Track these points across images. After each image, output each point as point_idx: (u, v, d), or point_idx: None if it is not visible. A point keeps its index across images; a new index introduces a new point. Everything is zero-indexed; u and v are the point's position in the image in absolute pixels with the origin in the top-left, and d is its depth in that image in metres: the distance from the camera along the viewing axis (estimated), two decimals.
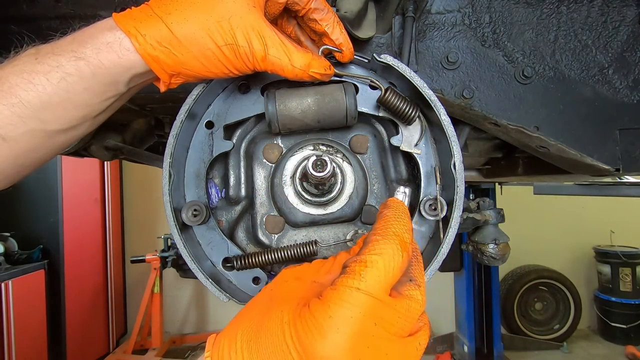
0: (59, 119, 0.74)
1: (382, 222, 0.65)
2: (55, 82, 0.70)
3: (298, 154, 0.96)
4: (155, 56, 0.72)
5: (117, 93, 0.77)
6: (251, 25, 0.73)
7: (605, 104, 1.08)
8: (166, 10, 0.72)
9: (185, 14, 0.72)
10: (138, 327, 5.35)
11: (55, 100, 0.71)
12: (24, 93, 0.69)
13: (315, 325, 0.53)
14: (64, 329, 4.94)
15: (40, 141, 0.75)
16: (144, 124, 1.74)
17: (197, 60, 0.74)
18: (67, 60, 0.71)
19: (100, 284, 5.77)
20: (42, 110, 0.71)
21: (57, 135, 0.76)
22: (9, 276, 4.16)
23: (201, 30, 0.71)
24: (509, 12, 1.10)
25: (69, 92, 0.72)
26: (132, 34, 0.71)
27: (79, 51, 0.71)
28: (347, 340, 0.52)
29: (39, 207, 4.92)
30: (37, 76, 0.70)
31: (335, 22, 0.84)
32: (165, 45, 0.72)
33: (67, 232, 5.04)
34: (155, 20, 0.72)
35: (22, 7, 1.11)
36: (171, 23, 0.71)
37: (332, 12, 0.84)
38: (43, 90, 0.70)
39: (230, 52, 0.73)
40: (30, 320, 4.38)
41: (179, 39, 0.71)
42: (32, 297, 4.46)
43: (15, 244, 4.66)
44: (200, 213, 0.87)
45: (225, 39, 0.72)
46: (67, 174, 5.06)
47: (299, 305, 0.57)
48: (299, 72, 0.77)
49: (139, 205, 6.47)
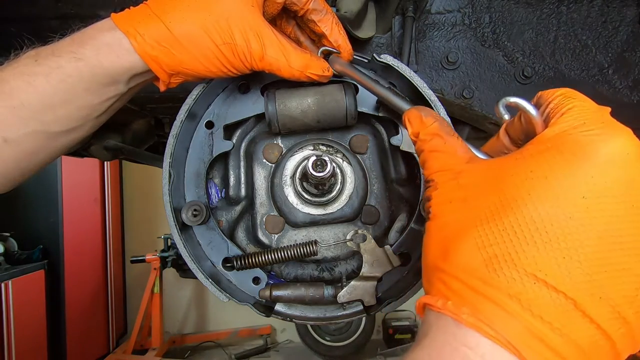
0: (60, 120, 0.74)
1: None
2: (55, 84, 0.70)
3: (298, 154, 0.96)
4: (154, 56, 0.72)
5: (118, 93, 0.77)
6: (249, 25, 0.73)
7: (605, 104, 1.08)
8: (164, 9, 0.72)
9: (183, 14, 0.72)
10: (138, 327, 5.34)
11: (56, 102, 0.71)
12: (24, 95, 0.69)
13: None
14: (64, 329, 4.93)
15: (42, 143, 0.75)
16: (144, 124, 1.73)
17: (195, 60, 0.74)
18: (67, 61, 0.71)
19: (100, 284, 5.77)
20: (43, 111, 0.71)
21: (58, 137, 0.76)
22: (9, 276, 4.15)
23: (199, 29, 0.71)
24: (508, 12, 1.10)
25: (69, 93, 0.72)
26: (131, 34, 0.71)
27: (78, 52, 0.71)
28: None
29: (39, 207, 4.92)
30: (37, 78, 0.70)
31: (334, 24, 0.84)
32: (164, 44, 0.72)
33: (67, 232, 5.03)
34: (154, 19, 0.72)
35: (22, 7, 1.11)
36: (170, 22, 0.71)
37: (331, 13, 0.84)
38: (43, 92, 0.70)
39: (229, 51, 0.73)
40: (30, 320, 4.37)
41: (178, 38, 0.71)
42: (32, 297, 4.46)
43: (15, 244, 4.65)
44: (200, 213, 0.87)
45: (224, 38, 0.72)
46: (67, 174, 5.06)
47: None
48: (297, 72, 0.77)
49: (139, 205, 6.47)
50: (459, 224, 0.46)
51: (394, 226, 0.94)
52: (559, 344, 0.37)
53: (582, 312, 0.37)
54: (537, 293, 0.38)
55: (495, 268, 0.40)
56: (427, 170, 0.56)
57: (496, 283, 0.40)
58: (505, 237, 0.41)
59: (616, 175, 0.40)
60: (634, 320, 0.38)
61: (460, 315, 0.40)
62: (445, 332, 0.41)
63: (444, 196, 0.51)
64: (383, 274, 0.88)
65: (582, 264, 0.38)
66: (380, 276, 0.88)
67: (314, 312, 0.91)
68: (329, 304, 0.90)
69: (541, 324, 0.37)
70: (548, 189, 0.41)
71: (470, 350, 0.39)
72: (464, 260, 0.43)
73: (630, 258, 0.39)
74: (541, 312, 0.38)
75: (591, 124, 0.43)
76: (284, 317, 0.90)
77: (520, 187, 0.42)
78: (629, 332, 0.39)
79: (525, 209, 0.41)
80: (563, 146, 0.43)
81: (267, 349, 6.08)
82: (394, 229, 0.94)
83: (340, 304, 0.87)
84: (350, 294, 0.86)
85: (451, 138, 0.56)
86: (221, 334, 6.25)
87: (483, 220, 0.43)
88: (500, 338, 0.38)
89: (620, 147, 0.41)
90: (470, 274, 0.42)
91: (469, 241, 0.43)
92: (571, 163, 0.41)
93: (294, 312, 0.90)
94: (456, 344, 0.40)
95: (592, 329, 0.38)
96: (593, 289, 0.38)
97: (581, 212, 0.39)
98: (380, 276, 0.88)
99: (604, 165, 0.40)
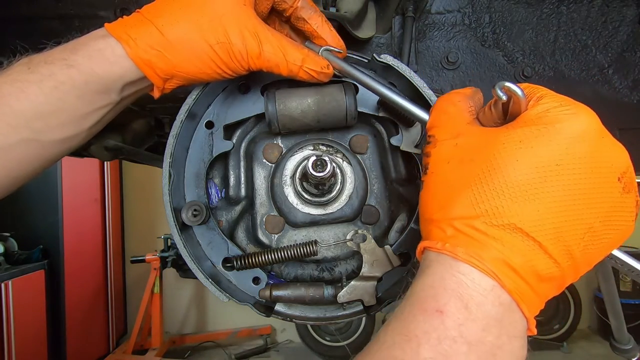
0: (52, 128, 0.73)
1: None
2: (47, 91, 0.70)
3: (298, 154, 0.96)
4: (147, 60, 0.72)
5: (110, 102, 0.77)
6: (244, 24, 0.73)
7: (605, 104, 1.08)
8: (157, 14, 0.72)
9: (176, 16, 0.71)
10: (138, 327, 5.34)
11: (48, 109, 0.71)
12: (15, 102, 0.69)
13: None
14: (64, 329, 4.93)
15: (33, 152, 0.74)
16: (144, 124, 1.74)
17: (189, 62, 0.73)
18: (60, 68, 0.70)
19: (100, 284, 5.77)
20: (34, 119, 0.71)
21: (50, 146, 0.75)
22: (9, 276, 4.15)
23: (192, 30, 0.71)
24: (509, 12, 1.10)
25: (61, 101, 0.71)
26: (124, 39, 0.71)
27: (70, 59, 0.71)
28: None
29: (39, 207, 4.92)
30: (29, 85, 0.69)
31: (323, 21, 0.83)
32: (157, 48, 0.71)
33: (67, 232, 5.03)
34: (146, 24, 0.71)
35: (22, 7, 1.11)
36: (162, 25, 0.71)
37: (319, 11, 0.84)
38: (35, 99, 0.69)
39: (223, 51, 0.73)
40: (30, 320, 4.37)
41: (171, 40, 0.71)
42: (32, 297, 4.46)
43: (15, 244, 4.65)
44: (200, 213, 0.87)
45: (217, 38, 0.72)
46: (67, 174, 5.06)
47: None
48: (294, 67, 0.76)
49: (139, 205, 6.47)
50: (456, 182, 0.55)
51: (394, 226, 0.95)
52: (526, 273, 0.51)
53: (544, 250, 0.50)
54: (514, 238, 0.50)
55: (486, 220, 0.52)
56: (430, 123, 0.65)
57: (485, 230, 0.51)
58: (495, 196, 0.52)
59: (582, 147, 0.51)
60: (579, 256, 0.52)
61: (456, 253, 0.52)
62: (444, 265, 0.53)
63: (442, 155, 0.59)
64: (383, 274, 0.89)
65: (550, 215, 0.50)
66: (380, 276, 0.88)
67: (314, 312, 0.91)
68: (329, 304, 0.90)
69: (515, 259, 0.50)
70: (532, 156, 0.51)
71: (464, 276, 0.51)
72: (460, 212, 0.53)
73: (584, 210, 0.51)
74: (516, 251, 0.50)
75: (566, 104, 0.54)
76: (284, 317, 0.90)
77: (510, 154, 0.52)
78: (574, 265, 0.52)
79: (513, 172, 0.51)
80: (546, 122, 0.52)
81: (267, 349, 6.08)
82: (394, 229, 0.94)
83: (340, 304, 0.87)
84: (350, 294, 0.86)
85: (464, 104, 0.63)
86: (221, 334, 6.25)
87: (477, 181, 0.53)
88: (486, 269, 0.50)
89: (587, 124, 0.52)
90: (465, 223, 0.53)
91: (465, 198, 0.53)
92: (551, 136, 0.51)
93: (294, 312, 0.90)
94: (453, 271, 0.52)
95: (550, 262, 0.51)
96: (555, 234, 0.50)
97: (554, 176, 0.51)
98: (380, 276, 0.88)
99: (574, 138, 0.51)
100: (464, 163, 0.56)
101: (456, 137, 0.59)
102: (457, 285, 0.50)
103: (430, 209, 0.58)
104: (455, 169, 0.57)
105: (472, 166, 0.54)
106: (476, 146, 0.56)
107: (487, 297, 0.50)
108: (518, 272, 0.50)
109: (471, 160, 0.55)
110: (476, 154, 0.55)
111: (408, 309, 0.53)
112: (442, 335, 0.48)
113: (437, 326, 0.49)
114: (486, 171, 0.53)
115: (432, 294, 0.51)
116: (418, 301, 0.52)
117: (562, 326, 6.41)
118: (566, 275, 0.53)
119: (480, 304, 0.50)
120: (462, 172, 0.55)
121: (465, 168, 0.55)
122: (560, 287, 0.54)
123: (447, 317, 0.49)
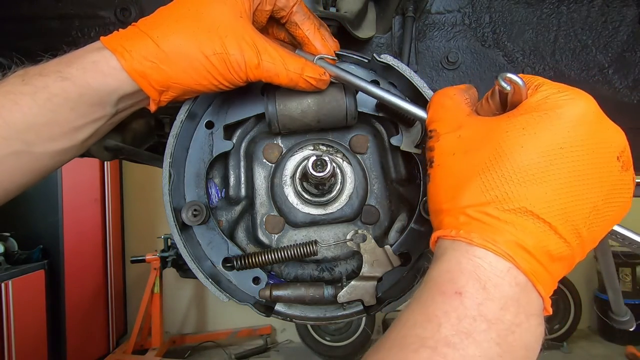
0: (44, 141, 0.72)
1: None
2: (41, 103, 0.69)
3: (298, 154, 0.96)
4: (142, 72, 0.71)
5: (105, 115, 0.76)
6: (241, 35, 0.72)
7: (605, 104, 1.08)
8: (152, 26, 0.72)
9: (172, 28, 0.71)
10: (138, 327, 5.34)
11: (41, 121, 0.70)
12: (8, 114, 0.68)
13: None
14: (64, 329, 4.93)
15: (25, 164, 0.73)
16: (144, 124, 1.73)
17: (185, 73, 0.73)
18: (54, 80, 0.70)
19: (100, 284, 5.77)
20: (27, 131, 0.70)
21: (42, 158, 0.74)
22: (9, 276, 4.15)
23: (188, 41, 0.71)
24: (509, 12, 1.10)
25: (54, 113, 0.71)
26: (118, 51, 0.70)
27: (65, 71, 0.70)
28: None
29: (39, 207, 4.92)
30: (23, 97, 0.69)
31: (315, 28, 0.83)
32: (152, 59, 0.71)
33: (67, 232, 5.03)
34: (142, 36, 0.71)
35: (22, 7, 1.11)
36: (157, 37, 0.70)
37: (312, 18, 0.84)
38: (29, 111, 0.69)
39: (220, 62, 0.72)
40: (30, 320, 4.38)
41: (166, 52, 0.71)
42: (32, 297, 4.46)
43: (15, 244, 4.65)
44: (200, 213, 0.87)
45: (214, 49, 0.71)
46: (67, 174, 5.06)
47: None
48: (294, 75, 0.76)
49: (139, 205, 6.47)
50: (463, 172, 0.57)
51: (394, 226, 0.95)
52: (539, 253, 0.52)
53: (555, 231, 0.52)
54: (526, 220, 0.52)
55: (497, 206, 0.53)
56: (429, 118, 0.67)
57: (497, 215, 0.53)
58: (504, 182, 0.53)
59: (583, 130, 0.53)
60: (586, 235, 0.54)
61: (471, 239, 0.53)
62: (460, 250, 0.54)
63: (446, 148, 0.61)
64: (383, 274, 0.89)
65: (557, 197, 0.52)
66: (380, 276, 0.88)
67: (314, 312, 0.91)
68: (329, 304, 0.90)
69: (528, 240, 0.52)
70: (537, 142, 0.53)
71: (480, 259, 0.52)
72: (471, 200, 0.55)
73: (588, 189, 0.53)
74: (528, 233, 0.52)
75: (564, 90, 0.56)
76: (284, 317, 0.90)
77: (514, 142, 0.54)
78: (582, 243, 0.54)
79: (520, 158, 0.53)
80: (547, 108, 0.54)
81: (267, 349, 6.08)
82: (394, 229, 0.94)
83: (340, 304, 0.87)
84: (350, 294, 0.86)
85: (460, 97, 0.65)
86: (221, 334, 6.25)
87: (484, 169, 0.54)
88: (501, 252, 0.51)
89: (585, 108, 0.54)
90: (477, 210, 0.54)
91: (474, 186, 0.55)
92: (553, 121, 0.53)
93: (294, 312, 0.90)
94: (469, 256, 0.53)
95: (561, 242, 0.52)
96: (564, 214, 0.52)
97: (558, 158, 0.52)
98: (380, 276, 0.88)
99: (575, 122, 0.53)
100: (470, 153, 0.57)
101: (458, 129, 0.61)
102: (474, 268, 0.52)
103: (440, 199, 0.59)
104: (461, 159, 0.58)
105: (479, 155, 0.56)
106: (480, 136, 0.57)
107: (504, 279, 0.51)
108: (532, 253, 0.52)
109: (477, 150, 0.56)
110: (481, 143, 0.57)
111: (427, 293, 0.54)
112: (462, 314, 0.50)
113: (456, 306, 0.50)
114: (493, 159, 0.54)
115: (449, 278, 0.53)
116: (436, 285, 0.54)
117: (562, 326, 6.42)
118: (575, 253, 0.54)
119: (498, 284, 0.51)
120: (469, 162, 0.57)
121: (471, 158, 0.57)
122: (570, 266, 0.56)
123: (465, 297, 0.50)
